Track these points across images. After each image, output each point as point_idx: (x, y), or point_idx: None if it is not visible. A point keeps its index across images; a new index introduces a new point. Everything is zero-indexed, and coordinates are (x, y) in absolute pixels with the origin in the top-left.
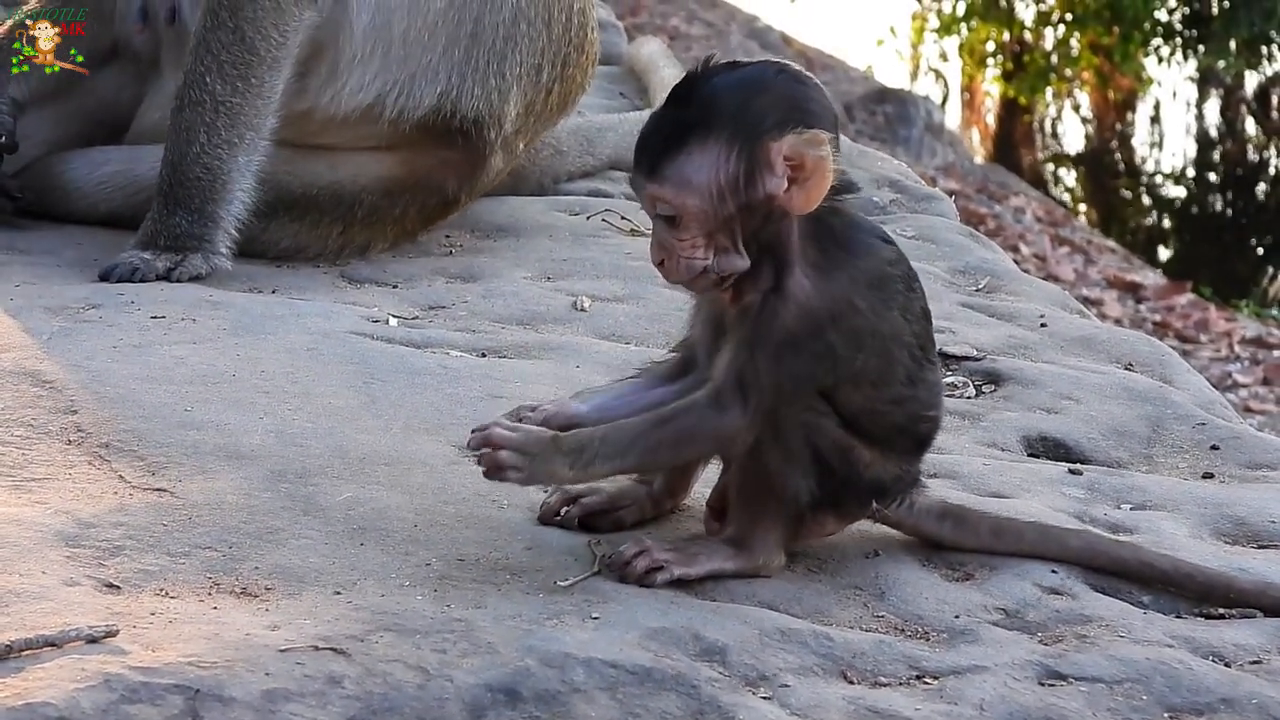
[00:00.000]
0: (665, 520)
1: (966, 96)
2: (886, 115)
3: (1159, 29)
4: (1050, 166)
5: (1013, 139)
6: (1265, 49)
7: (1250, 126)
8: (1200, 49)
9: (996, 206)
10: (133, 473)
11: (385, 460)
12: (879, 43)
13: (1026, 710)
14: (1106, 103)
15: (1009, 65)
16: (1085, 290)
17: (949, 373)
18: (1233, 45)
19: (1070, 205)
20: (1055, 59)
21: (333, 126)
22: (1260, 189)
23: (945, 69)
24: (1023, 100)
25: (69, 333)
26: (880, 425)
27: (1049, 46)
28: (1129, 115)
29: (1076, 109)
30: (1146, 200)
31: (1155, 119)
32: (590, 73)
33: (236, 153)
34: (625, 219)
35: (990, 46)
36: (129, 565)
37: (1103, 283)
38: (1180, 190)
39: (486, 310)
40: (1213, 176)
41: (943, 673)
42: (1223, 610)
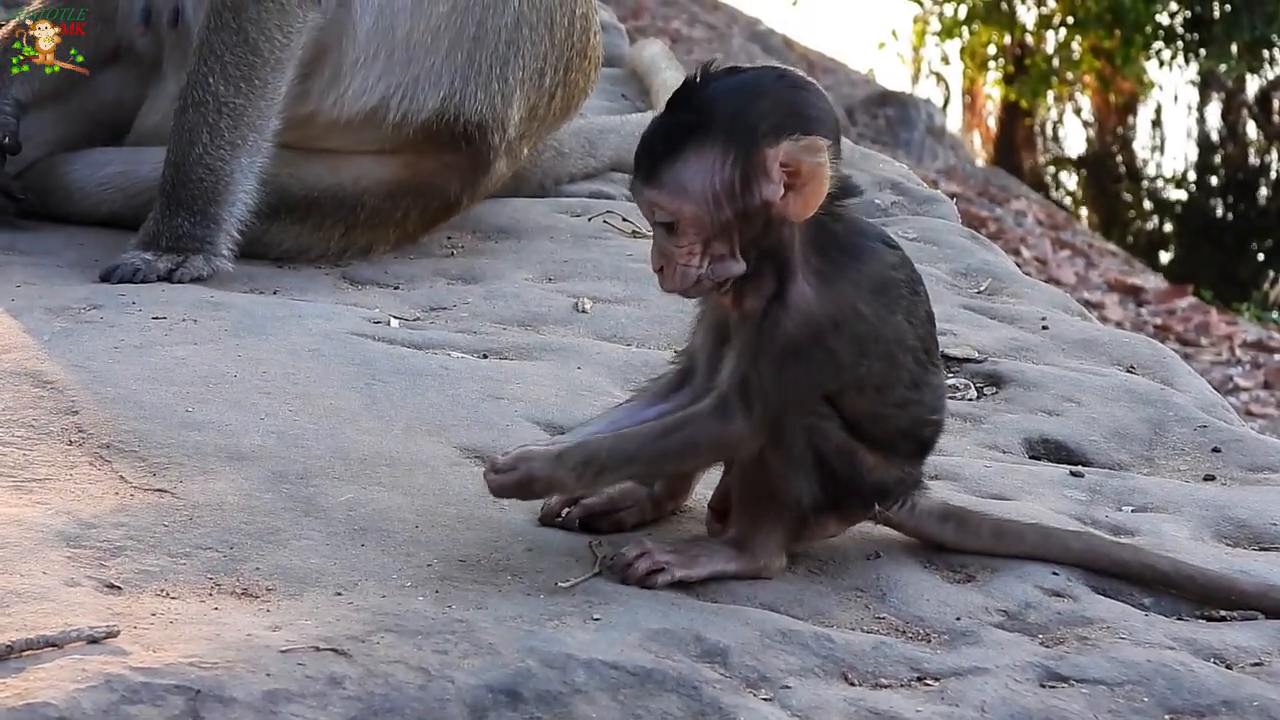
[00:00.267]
0: (666, 522)
1: (968, 100)
2: (888, 118)
3: (1160, 32)
4: (1051, 170)
5: (1014, 142)
6: (1267, 53)
7: (1251, 130)
8: (1201, 52)
9: (998, 209)
10: (134, 473)
11: (386, 461)
12: (880, 46)
13: (1028, 712)
14: (1108, 106)
15: (1010, 68)
16: (1086, 293)
17: (950, 375)
18: (1234, 49)
19: (1071, 208)
20: (1057, 62)
21: (336, 130)
22: (1261, 193)
23: (947, 72)
24: (1024, 103)
25: (70, 333)
26: (884, 429)
27: (1050, 50)
28: (1130, 119)
29: (1078, 112)
30: (1148, 204)
31: (1156, 122)
32: (593, 77)
33: (239, 154)
34: (627, 220)
35: (992, 50)
36: (130, 566)
37: (1104, 286)
38: (1181, 194)
39: (488, 311)
40: (1214, 180)
41: (944, 674)
42: (1224, 612)
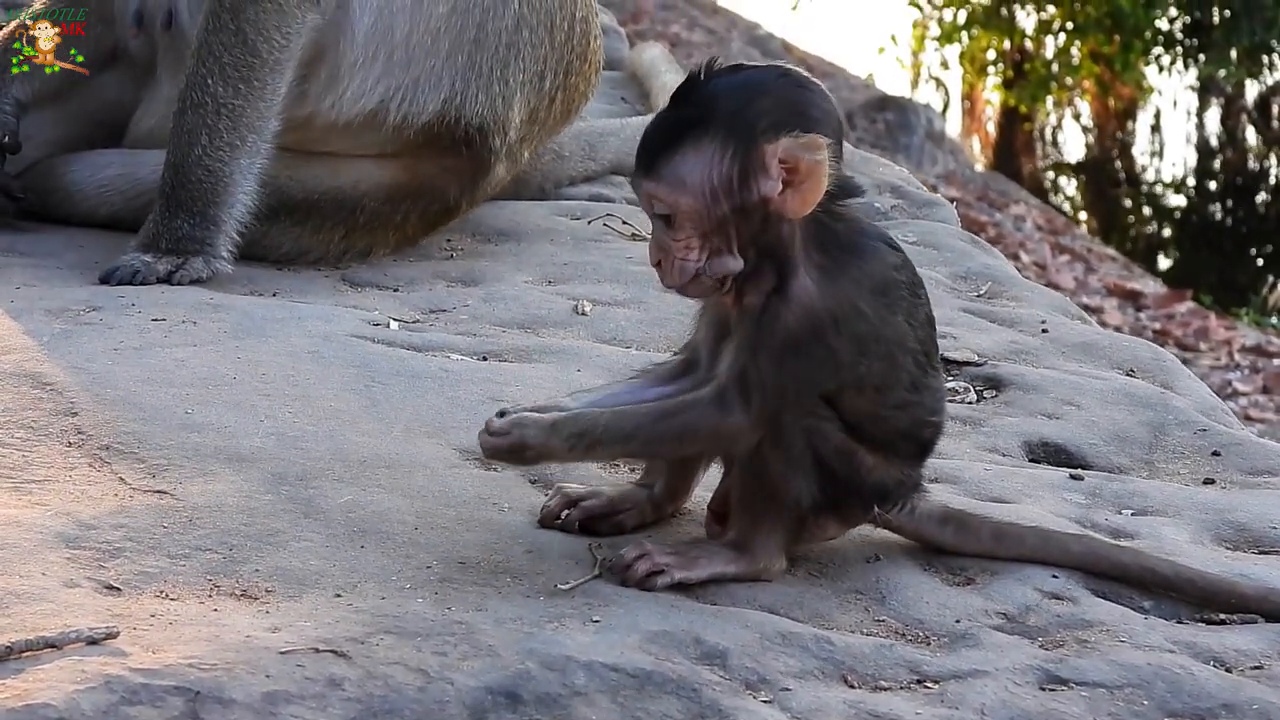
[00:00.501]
0: (666, 524)
1: (967, 104)
2: (887, 123)
3: (1160, 38)
4: (1051, 175)
5: (1013, 147)
6: (1266, 58)
7: (1251, 135)
8: (1201, 58)
9: (997, 214)
10: (133, 475)
11: (386, 463)
12: (880, 50)
13: (1027, 714)
14: (1107, 111)
15: (1010, 73)
16: (1085, 298)
17: (950, 378)
18: (1233, 54)
19: (1070, 213)
20: (1056, 67)
21: (334, 132)
22: (1260, 198)
23: (946, 77)
24: (1023, 108)
25: (70, 335)
26: (883, 430)
27: (1050, 55)
28: (1129, 124)
29: (1077, 117)
30: (1147, 209)
31: (1156, 128)
32: (594, 81)
33: (238, 155)
34: (626, 223)
35: (991, 55)
36: (129, 567)
37: (1103, 291)
38: (1180, 199)
39: (487, 314)
40: (1213, 185)
41: (943, 677)
42: (1224, 616)
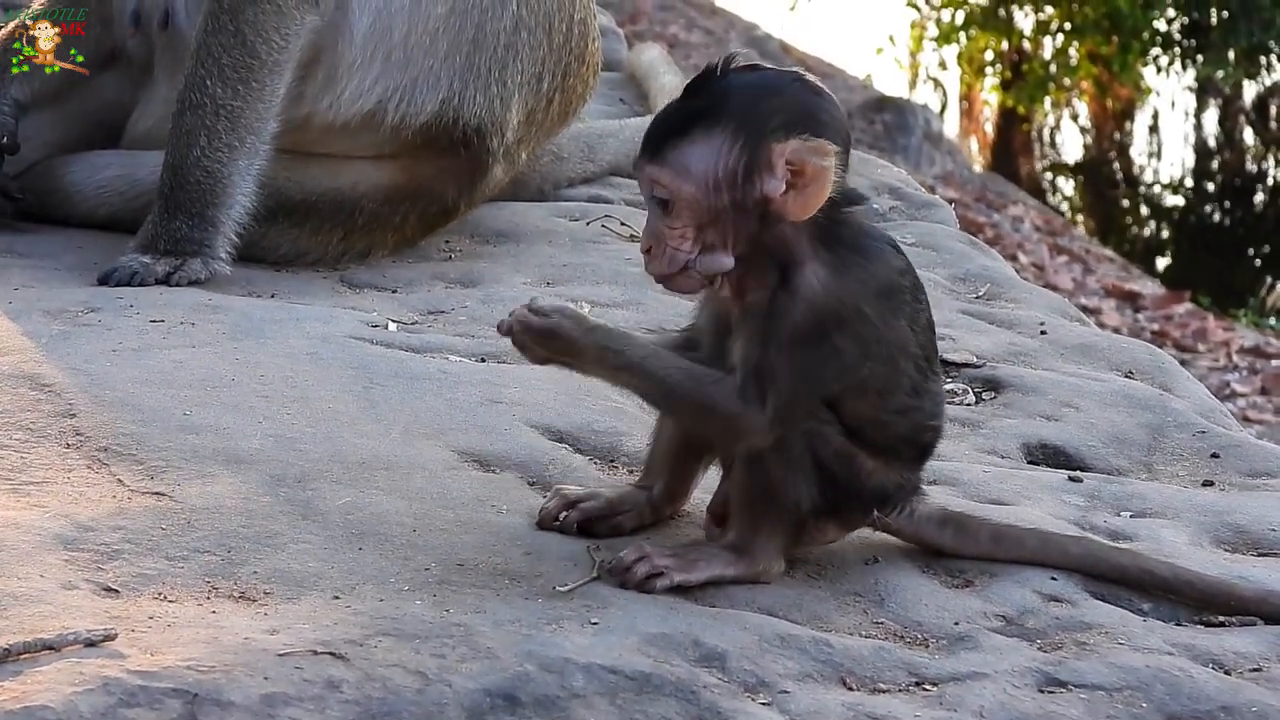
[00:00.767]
0: (665, 526)
1: (965, 105)
2: (885, 123)
3: (1158, 39)
4: (1049, 175)
5: (1011, 148)
6: (1264, 59)
7: (1249, 136)
8: (1199, 59)
9: (995, 215)
10: (131, 476)
11: (384, 465)
12: (878, 51)
13: (1026, 717)
14: (1105, 112)
15: (1007, 74)
16: (1083, 299)
17: (949, 380)
18: (1231, 55)
19: (1068, 214)
20: (1054, 68)
21: (332, 133)
22: (1258, 199)
23: (944, 78)
24: (1021, 109)
25: (68, 336)
26: (884, 435)
27: (1048, 56)
28: (1127, 125)
29: (1075, 118)
30: (1145, 210)
31: (1154, 128)
32: (592, 83)
33: (237, 156)
34: (625, 225)
35: (989, 55)
36: (127, 569)
37: (1101, 292)
38: (1178, 200)
39: (486, 315)
40: (1211, 186)
41: (942, 679)
42: (1223, 618)
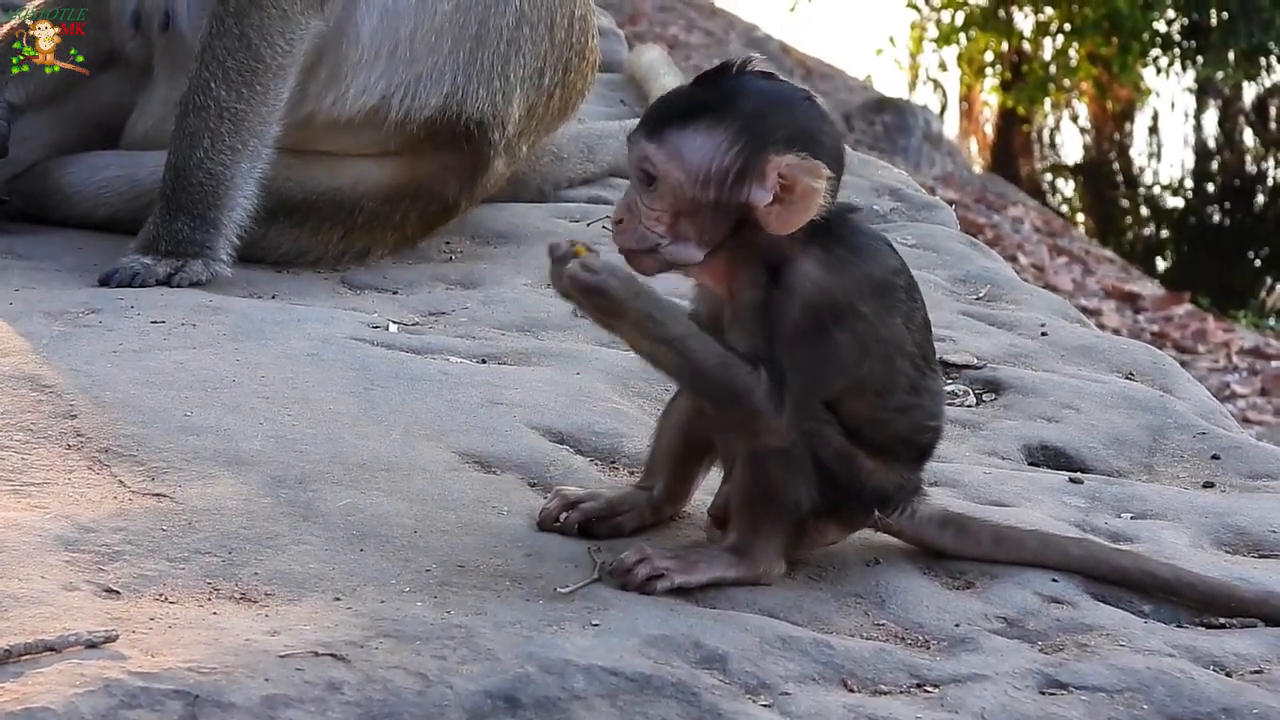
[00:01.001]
0: (666, 528)
1: (965, 106)
2: (885, 124)
3: (1157, 39)
4: (1048, 176)
5: (1011, 149)
6: (1263, 60)
7: (1248, 137)
8: (1199, 60)
9: (995, 216)
10: (132, 478)
11: (385, 466)
12: (878, 52)
13: (1027, 719)
14: (1105, 113)
15: (1007, 75)
16: (1083, 300)
17: (949, 381)
18: (1231, 56)
19: (1068, 215)
20: (1054, 69)
21: (336, 130)
22: (1258, 200)
23: (944, 79)
24: (1021, 110)
25: (69, 337)
26: (883, 434)
27: (1047, 57)
28: (1127, 126)
29: (1075, 119)
30: (1144, 210)
31: (1153, 129)
32: (591, 78)
33: (240, 159)
34: None
35: (989, 56)
36: (128, 570)
37: (1101, 293)
38: (1178, 201)
39: (487, 316)
40: (1210, 187)
41: (943, 681)
42: (1224, 620)
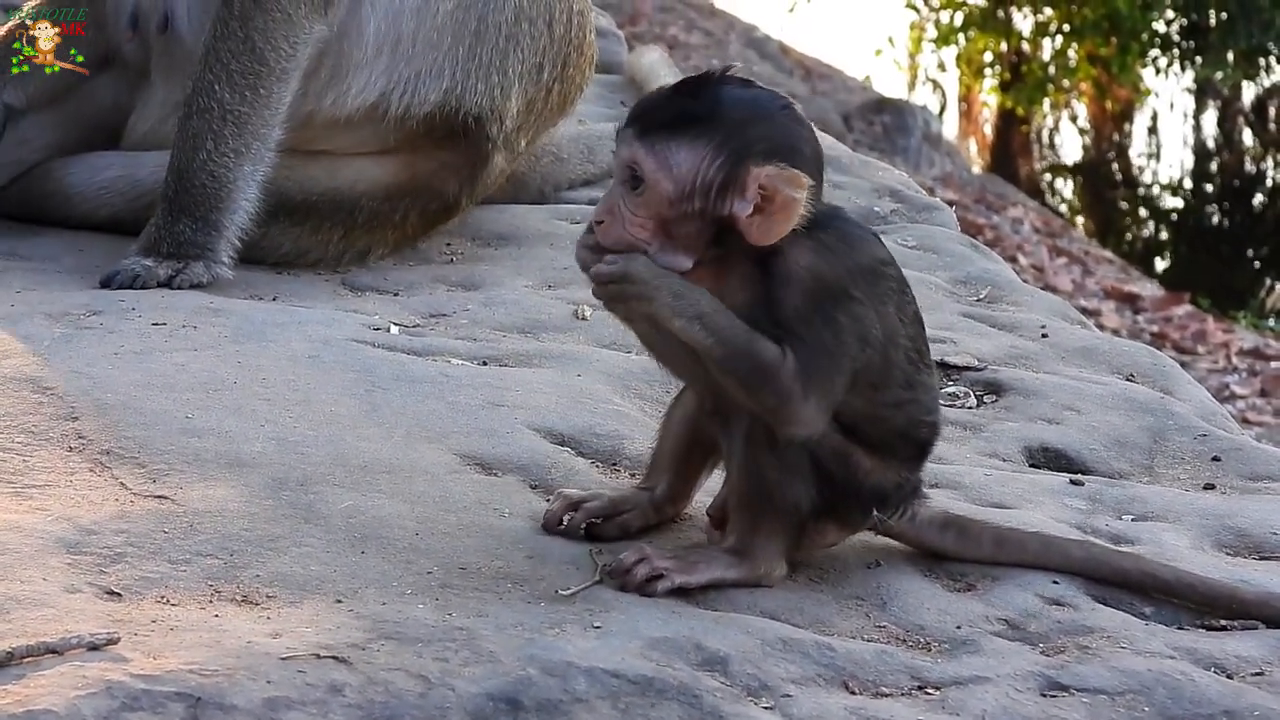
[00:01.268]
0: (667, 529)
1: (964, 107)
2: (884, 125)
3: (1157, 40)
4: (1048, 177)
5: (1010, 149)
6: (1263, 60)
7: (1248, 138)
8: (1198, 60)
9: (994, 217)
10: (134, 480)
11: (386, 468)
12: (877, 53)
13: None
14: (1104, 113)
15: (1007, 76)
16: (1083, 301)
17: (950, 383)
18: (1230, 56)
19: (1068, 216)
20: (1053, 69)
21: (336, 128)
22: (1257, 200)
23: (943, 79)
24: (1020, 110)
25: (70, 339)
26: (880, 430)
27: (1047, 57)
28: (1126, 126)
29: (1074, 119)
30: (1144, 211)
31: (1153, 130)
32: (589, 74)
33: (243, 161)
34: None
35: (988, 57)
36: (130, 572)
37: (1100, 293)
38: (1177, 201)
39: (487, 318)
40: (1210, 187)
41: (944, 683)
42: (1225, 622)
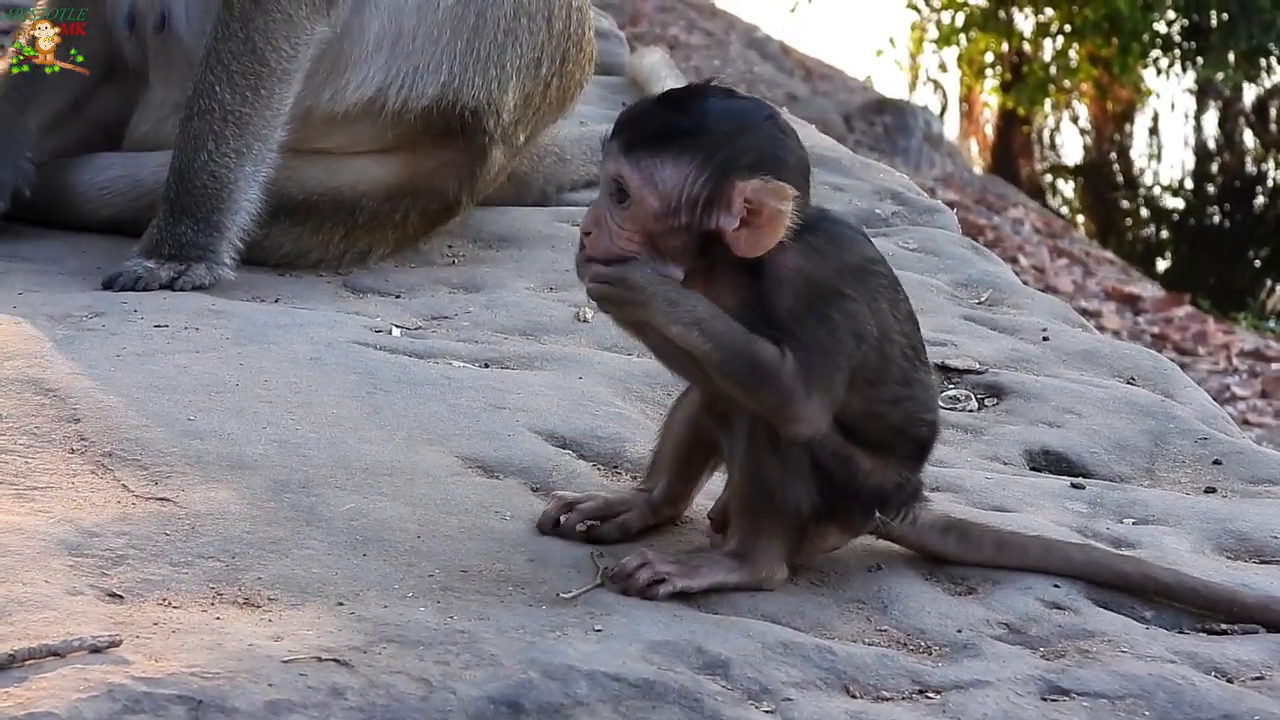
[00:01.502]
0: (668, 532)
1: (965, 107)
2: (885, 125)
3: (1158, 40)
4: (1049, 177)
5: (1011, 150)
6: (1264, 61)
7: (1248, 138)
8: (1199, 61)
9: (995, 217)
10: (136, 482)
11: (388, 471)
12: (878, 53)
13: None
14: (1105, 114)
15: (1007, 76)
16: (1084, 302)
17: (951, 386)
18: (1231, 57)
19: (1068, 216)
20: (1054, 70)
21: (333, 124)
22: (1258, 201)
23: (944, 80)
24: (1021, 111)
25: (72, 341)
26: (879, 428)
27: (1048, 58)
28: (1127, 127)
29: (1075, 120)
30: (1145, 212)
31: (1154, 130)
32: (588, 70)
33: (244, 162)
34: None
35: (989, 57)
36: (132, 575)
37: (1101, 294)
38: (1178, 202)
39: (489, 321)
40: (1211, 188)
41: (945, 687)
42: (1225, 626)
